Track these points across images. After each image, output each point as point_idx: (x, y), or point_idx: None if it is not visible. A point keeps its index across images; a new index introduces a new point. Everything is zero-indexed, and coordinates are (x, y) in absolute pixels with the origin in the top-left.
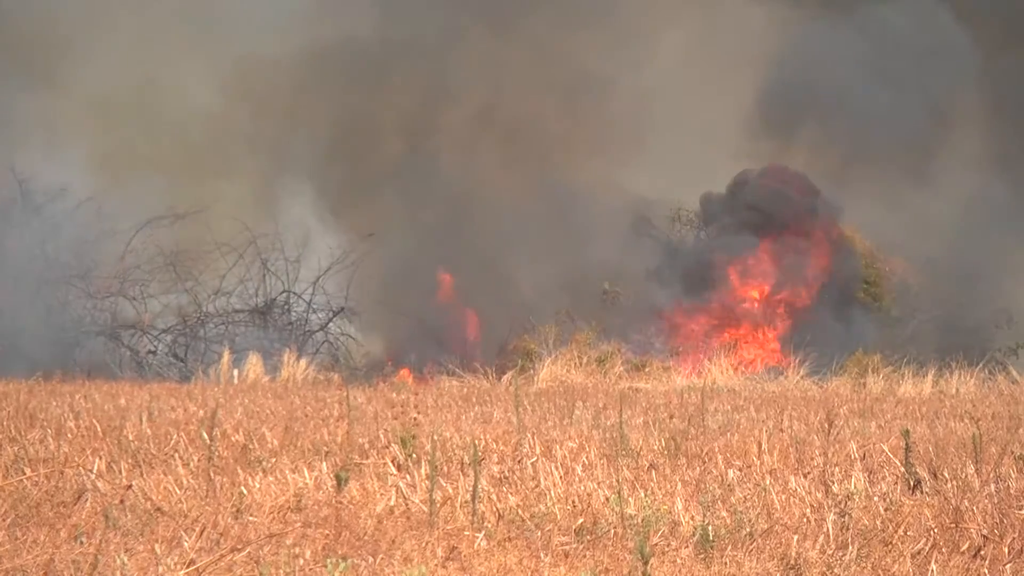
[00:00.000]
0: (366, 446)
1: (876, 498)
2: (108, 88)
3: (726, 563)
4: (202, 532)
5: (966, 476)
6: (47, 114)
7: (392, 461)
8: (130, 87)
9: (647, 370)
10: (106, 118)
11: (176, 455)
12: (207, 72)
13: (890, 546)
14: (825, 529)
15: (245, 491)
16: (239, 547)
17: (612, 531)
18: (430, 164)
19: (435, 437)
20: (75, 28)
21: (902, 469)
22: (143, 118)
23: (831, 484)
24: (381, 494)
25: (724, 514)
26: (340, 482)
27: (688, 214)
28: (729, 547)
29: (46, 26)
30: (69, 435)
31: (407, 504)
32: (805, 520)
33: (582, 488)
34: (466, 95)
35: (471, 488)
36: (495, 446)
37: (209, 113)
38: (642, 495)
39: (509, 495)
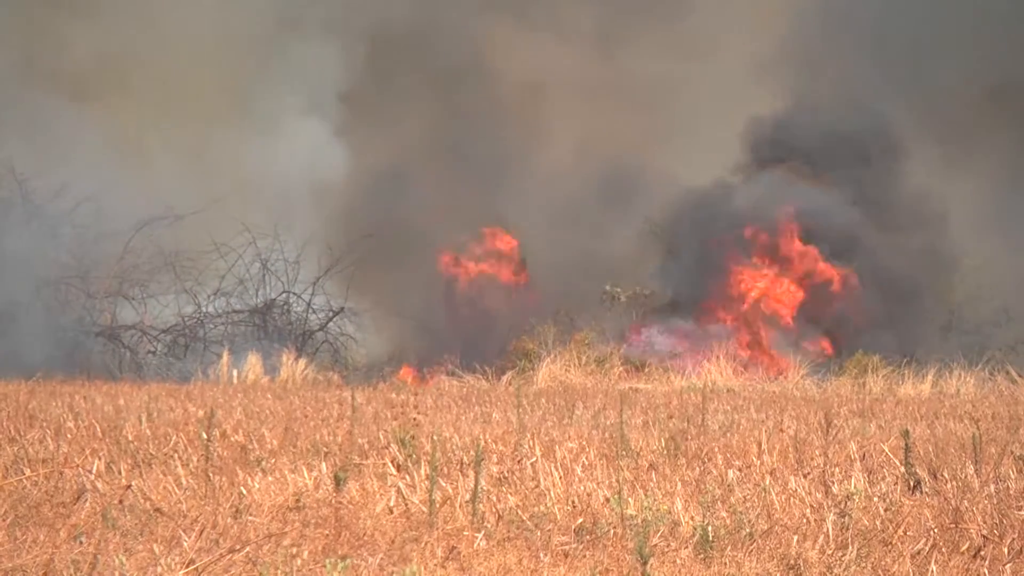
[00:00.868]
0: (365, 446)
1: (876, 498)
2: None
3: (726, 563)
4: (201, 532)
5: (966, 476)
6: (46, 112)
7: (392, 461)
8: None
9: (646, 370)
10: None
11: (175, 455)
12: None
13: (890, 546)
14: (825, 529)
15: (244, 491)
16: (238, 547)
17: (612, 531)
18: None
19: (435, 437)
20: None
21: (902, 469)
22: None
23: (831, 484)
24: (381, 494)
25: (724, 514)
26: (339, 482)
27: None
28: (729, 547)
29: (45, 24)
30: (68, 435)
31: (407, 504)
32: (805, 520)
33: (582, 488)
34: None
35: (471, 488)
36: (495, 446)
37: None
38: (642, 495)
39: (509, 495)
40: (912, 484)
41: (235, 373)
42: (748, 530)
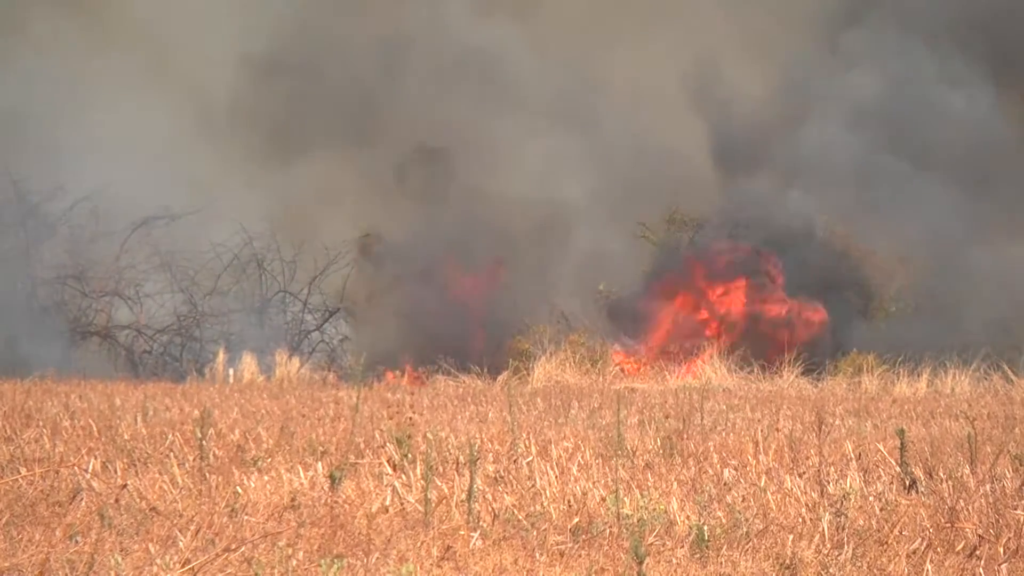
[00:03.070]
0: (362, 446)
1: (872, 498)
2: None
3: (722, 563)
4: (197, 532)
5: (962, 476)
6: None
7: (387, 461)
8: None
9: (641, 369)
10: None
11: (171, 455)
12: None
13: (885, 546)
14: (821, 529)
15: (240, 491)
16: (234, 546)
17: (607, 531)
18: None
19: (430, 437)
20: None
21: (897, 469)
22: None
23: (827, 484)
24: (376, 494)
25: (720, 514)
26: (334, 481)
27: (683, 216)
28: (725, 547)
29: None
30: (64, 435)
31: (402, 504)
32: (801, 520)
33: (577, 488)
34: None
35: (466, 488)
36: (491, 446)
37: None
38: (638, 495)
39: (505, 495)
40: (908, 483)
41: (231, 372)
42: (744, 529)
